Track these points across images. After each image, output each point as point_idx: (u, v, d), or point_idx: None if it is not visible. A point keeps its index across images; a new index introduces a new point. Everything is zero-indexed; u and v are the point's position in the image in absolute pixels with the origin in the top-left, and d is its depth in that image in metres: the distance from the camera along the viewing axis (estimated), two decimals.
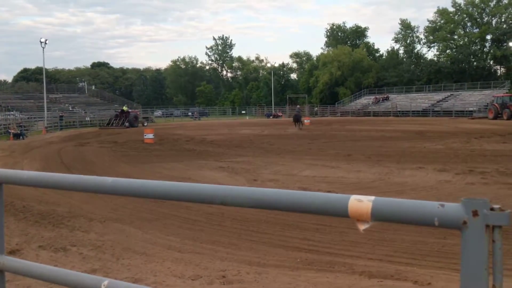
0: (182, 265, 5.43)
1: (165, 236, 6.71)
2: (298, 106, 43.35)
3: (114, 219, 7.79)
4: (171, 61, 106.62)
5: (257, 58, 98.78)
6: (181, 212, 8.03)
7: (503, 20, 67.88)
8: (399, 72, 74.32)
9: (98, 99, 65.56)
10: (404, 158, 15.49)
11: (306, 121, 43.82)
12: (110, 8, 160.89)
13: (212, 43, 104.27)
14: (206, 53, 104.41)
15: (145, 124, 45.66)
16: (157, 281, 4.92)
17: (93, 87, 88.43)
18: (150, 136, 24.16)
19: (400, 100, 66.82)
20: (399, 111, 61.79)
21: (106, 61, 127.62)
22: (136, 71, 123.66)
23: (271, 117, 68.63)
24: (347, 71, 77.93)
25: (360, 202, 1.24)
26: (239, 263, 5.48)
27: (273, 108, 75.32)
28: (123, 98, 73.44)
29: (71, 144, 24.21)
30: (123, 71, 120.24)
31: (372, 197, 1.25)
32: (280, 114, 69.97)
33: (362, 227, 1.26)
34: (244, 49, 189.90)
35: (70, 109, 55.13)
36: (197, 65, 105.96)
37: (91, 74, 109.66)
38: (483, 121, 42.12)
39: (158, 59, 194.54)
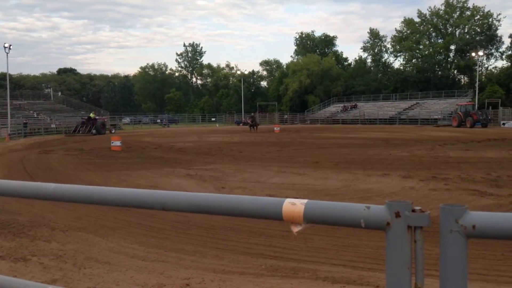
0: (145, 273, 5.36)
1: (129, 245, 6.61)
2: (252, 114, 49.00)
3: (77, 228, 7.62)
4: (140, 68, 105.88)
5: (228, 66, 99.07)
6: (146, 221, 7.93)
7: (466, 31, 70.21)
8: (367, 80, 75.83)
9: (64, 106, 64.26)
10: (370, 165, 15.73)
11: (276, 128, 44.09)
12: (77, 13, 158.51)
13: (182, 49, 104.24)
14: (176, 60, 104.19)
15: (113, 132, 45.03)
16: None
17: (59, 93, 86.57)
18: (117, 143, 23.80)
19: (367, 108, 68.09)
20: (367, 119, 62.95)
21: (73, 67, 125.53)
22: (104, 77, 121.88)
23: (241, 124, 68.71)
24: (316, 79, 78.95)
25: (294, 205, 1.27)
26: (203, 271, 5.44)
27: (243, 115, 75.45)
28: (90, 105, 72.21)
29: (35, 151, 23.60)
30: (90, 78, 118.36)
31: (305, 200, 1.28)
32: (249, 121, 70.08)
33: (295, 229, 1.29)
34: (214, 56, 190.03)
35: (35, 116, 53.81)
36: (167, 72, 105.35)
37: (58, 80, 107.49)
38: (447, 129, 43.30)
39: (127, 65, 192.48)
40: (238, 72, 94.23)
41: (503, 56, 68.04)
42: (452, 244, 1.12)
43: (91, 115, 45.63)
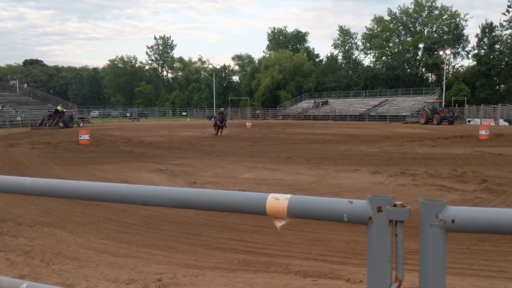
0: (116, 269, 5.29)
1: (99, 240, 6.51)
2: (221, 109, 33.75)
3: (45, 223, 7.46)
4: (109, 60, 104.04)
5: (199, 59, 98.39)
6: (116, 216, 7.83)
7: (434, 29, 71.75)
8: (338, 77, 76.65)
9: (31, 98, 62.53)
10: (341, 160, 15.94)
11: (248, 123, 44.15)
12: (44, 3, 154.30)
13: (153, 42, 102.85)
14: (147, 53, 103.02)
15: (81, 125, 44.15)
16: (90, 286, 4.77)
17: (25, 85, 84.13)
18: (86, 137, 23.36)
19: (338, 104, 68.87)
20: (338, 115, 63.69)
21: (39, 58, 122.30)
22: (71, 69, 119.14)
23: (212, 119, 68.43)
24: (288, 75, 79.32)
25: (277, 200, 1.28)
26: (175, 266, 5.41)
27: (214, 110, 75.11)
28: (58, 98, 70.51)
29: (0, 145, 22.91)
30: (57, 70, 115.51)
31: (289, 195, 1.29)
32: (218, 121, 69.92)
33: (279, 224, 1.30)
34: (185, 50, 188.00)
35: (0, 108, 52.18)
36: (136, 65, 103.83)
37: (23, 72, 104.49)
38: (415, 126, 44.23)
39: (96, 57, 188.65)
40: (210, 66, 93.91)
41: (469, 55, 69.96)
42: (432, 238, 1.15)
43: (59, 108, 44.57)
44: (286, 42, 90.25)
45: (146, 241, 6.45)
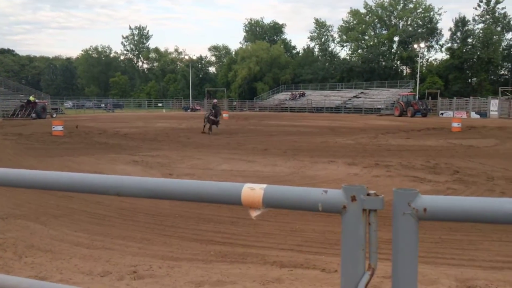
0: (90, 261, 5.23)
1: (73, 233, 6.42)
2: (215, 100, 28.82)
3: (17, 215, 7.31)
4: (83, 50, 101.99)
5: (176, 50, 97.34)
6: (90, 208, 7.72)
7: (408, 23, 72.62)
8: (314, 69, 76.97)
9: (2, 88, 60.81)
10: (317, 152, 16.07)
11: (224, 115, 44.00)
12: None
13: (128, 32, 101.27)
14: (122, 43, 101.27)
15: (54, 116, 43.29)
16: (63, 278, 4.70)
17: None
18: (59, 128, 22.92)
19: (315, 96, 69.24)
20: (314, 107, 64.06)
21: (10, 48, 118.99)
22: (44, 59, 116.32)
23: (188, 110, 68.11)
24: (265, 67, 79.27)
25: (253, 190, 1.28)
26: (151, 257, 5.38)
27: (190, 101, 74.70)
28: (30, 88, 68.80)
29: None
30: (30, 59, 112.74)
31: (264, 185, 1.30)
32: (198, 107, 69.68)
33: (254, 214, 1.30)
34: (161, 40, 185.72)
35: None
36: (111, 55, 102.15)
37: None
38: (389, 118, 44.84)
39: (69, 47, 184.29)
40: (186, 57, 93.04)
41: (443, 49, 71.12)
42: (404, 226, 1.17)
43: (31, 98, 43.53)
44: (263, 33, 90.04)
45: (121, 233, 6.39)
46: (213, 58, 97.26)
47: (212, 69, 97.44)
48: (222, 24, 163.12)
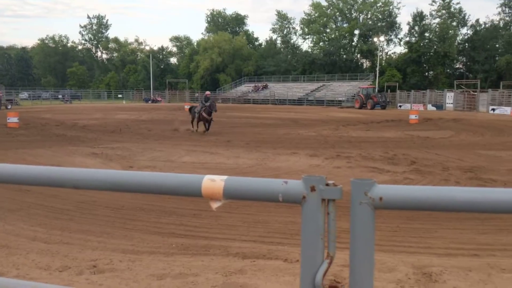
0: (48, 256, 5.09)
1: (29, 227, 6.23)
2: (207, 92, 22.37)
3: None
4: (39, 40, 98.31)
5: (136, 40, 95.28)
6: (48, 201, 7.51)
7: (369, 16, 73.82)
8: (277, 61, 77.17)
9: None
10: (280, 144, 16.19)
11: (186, 106, 43.55)
12: None
13: (86, 22, 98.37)
14: (80, 32, 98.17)
15: (9, 107, 41.75)
16: (20, 274, 4.56)
17: None
18: (15, 120, 22.15)
19: (278, 88, 69.54)
20: (277, 99, 64.37)
21: None
22: None
23: (149, 102, 67.09)
24: (227, 58, 78.86)
25: (213, 182, 1.28)
26: (111, 251, 5.30)
27: (151, 92, 73.57)
28: None
29: None
30: None
31: (225, 177, 1.30)
32: (159, 99, 68.80)
33: (214, 205, 1.30)
34: (121, 30, 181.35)
35: None
36: (69, 45, 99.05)
37: None
38: (350, 110, 45.62)
39: (24, 36, 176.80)
40: (147, 48, 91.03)
41: (401, 43, 72.70)
42: (362, 215, 1.20)
43: None
44: (225, 24, 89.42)
45: (80, 227, 6.25)
46: (174, 49, 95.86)
47: (173, 60, 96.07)
48: (183, 15, 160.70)
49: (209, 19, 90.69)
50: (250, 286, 4.29)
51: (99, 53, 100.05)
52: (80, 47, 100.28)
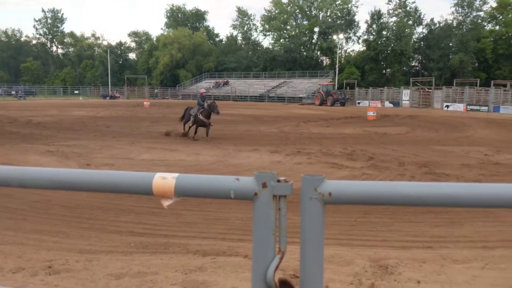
0: (1, 258, 4.91)
1: None
2: (202, 90, 19.58)
3: None
4: None
5: (93, 35, 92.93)
6: (0, 201, 7.22)
7: (328, 14, 74.80)
8: (238, 58, 77.08)
9: None
10: (241, 140, 16.21)
11: (145, 103, 42.91)
12: None
13: (41, 15, 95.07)
14: (34, 26, 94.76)
15: None
16: None
17: None
18: None
19: (239, 85, 69.51)
20: (238, 96, 64.35)
21: None
22: None
23: (107, 98, 65.70)
24: (188, 54, 78.16)
25: (164, 180, 1.27)
26: (68, 251, 5.16)
27: (109, 88, 72.01)
28: None
29: None
30: None
31: (176, 174, 1.29)
32: (117, 95, 67.49)
33: (166, 203, 1.29)
34: (77, 25, 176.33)
35: None
36: (22, 39, 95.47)
37: None
38: (311, 107, 46.18)
39: None
40: (104, 43, 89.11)
41: (360, 41, 74.16)
42: (311, 210, 1.22)
43: None
44: (185, 20, 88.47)
45: (35, 227, 6.05)
46: (133, 44, 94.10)
47: (132, 56, 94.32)
48: (142, 9, 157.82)
49: (168, 14, 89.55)
50: (210, 283, 4.29)
51: (54, 48, 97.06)
52: (34, 41, 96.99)
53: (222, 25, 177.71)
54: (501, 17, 61.96)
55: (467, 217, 6.69)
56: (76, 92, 72.38)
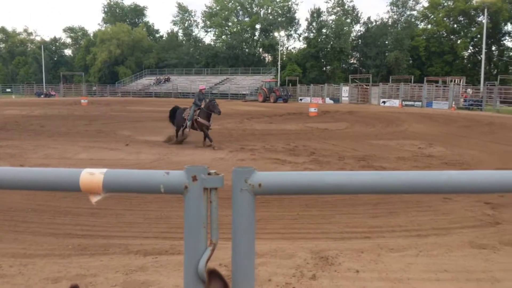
0: None
1: None
2: (202, 86, 16.92)
3: None
4: None
5: (25, 30, 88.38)
6: None
7: (269, 11, 75.45)
8: (179, 54, 76.06)
9: None
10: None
11: (83, 101, 41.49)
12: None
13: None
14: None
15: None
16: None
17: None
18: None
19: (180, 82, 68.67)
20: (180, 93, 63.59)
21: None
22: None
23: (42, 96, 62.92)
24: (127, 50, 76.20)
25: (92, 175, 1.24)
26: (1, 256, 4.90)
27: (44, 86, 68.95)
28: None
29: None
30: None
31: (104, 170, 1.26)
32: (53, 93, 64.83)
33: (94, 199, 1.26)
34: (8, 19, 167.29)
35: None
36: None
37: None
38: (254, 104, 46.44)
39: None
40: (38, 38, 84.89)
41: (301, 38, 75.39)
42: (242, 201, 1.24)
43: None
44: (123, 15, 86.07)
45: None
46: (68, 40, 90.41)
47: (68, 52, 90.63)
48: (78, 4, 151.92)
49: (106, 9, 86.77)
50: (152, 283, 4.23)
51: None
52: None
53: (162, 21, 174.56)
54: (432, 16, 65.13)
55: (402, 207, 7.00)
56: (9, 90, 68.68)
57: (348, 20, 68.28)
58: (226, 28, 77.04)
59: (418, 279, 4.39)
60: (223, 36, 77.18)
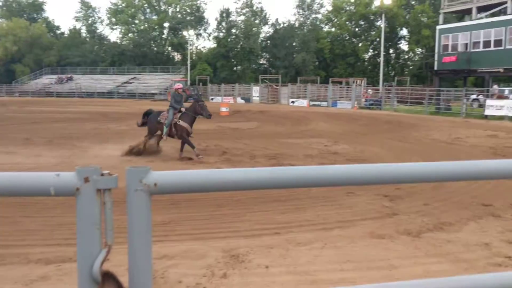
0: None
1: None
2: (177, 85, 14.49)
3: None
4: None
5: None
6: None
7: (178, 10, 74.49)
8: (82, 52, 72.47)
9: None
10: (88, 139, 15.36)
11: None
12: None
13: None
14: None
15: None
16: None
17: None
18: None
19: (84, 81, 65.54)
20: (84, 92, 60.73)
21: None
22: None
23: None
24: (25, 47, 71.16)
25: None
26: None
27: None
28: None
29: None
30: None
31: None
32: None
33: None
34: None
35: None
36: None
37: None
38: (164, 103, 45.32)
39: None
40: None
41: (210, 37, 75.34)
42: (137, 201, 1.22)
43: None
44: (20, 10, 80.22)
45: None
46: None
47: None
48: None
49: (1, 3, 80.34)
50: None
51: None
52: None
53: (63, 17, 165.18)
54: (336, 20, 68.36)
55: (310, 202, 7.28)
56: None
57: (257, 21, 69.45)
58: (133, 25, 74.81)
59: (324, 270, 4.59)
60: (129, 34, 74.85)
